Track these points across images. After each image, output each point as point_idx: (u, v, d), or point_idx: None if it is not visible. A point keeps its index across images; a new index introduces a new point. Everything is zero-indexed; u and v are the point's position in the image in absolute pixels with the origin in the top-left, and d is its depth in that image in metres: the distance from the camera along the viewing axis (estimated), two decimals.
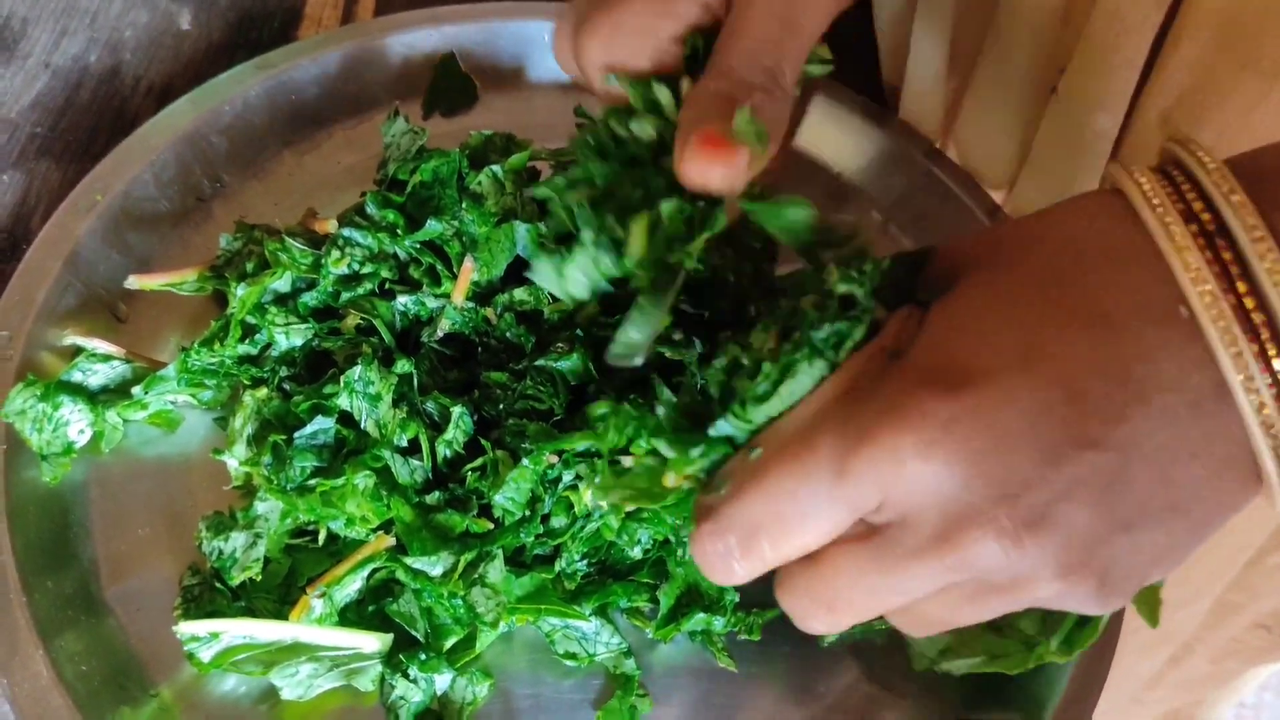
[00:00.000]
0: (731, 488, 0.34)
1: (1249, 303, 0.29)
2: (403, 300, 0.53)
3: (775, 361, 0.34)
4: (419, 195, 0.56)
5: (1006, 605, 0.33)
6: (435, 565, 0.48)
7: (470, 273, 0.53)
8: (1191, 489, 0.31)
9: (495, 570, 0.49)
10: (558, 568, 0.50)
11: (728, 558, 0.34)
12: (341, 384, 0.49)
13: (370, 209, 0.55)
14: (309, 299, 0.54)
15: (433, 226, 0.53)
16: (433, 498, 0.49)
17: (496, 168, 0.55)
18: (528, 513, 0.49)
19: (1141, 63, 0.53)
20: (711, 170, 0.37)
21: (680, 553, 0.51)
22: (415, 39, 0.67)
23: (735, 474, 0.34)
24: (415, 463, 0.49)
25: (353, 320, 0.54)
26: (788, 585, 0.35)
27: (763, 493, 0.33)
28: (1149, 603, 0.39)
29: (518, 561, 0.50)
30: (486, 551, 0.49)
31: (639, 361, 0.41)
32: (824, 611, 0.34)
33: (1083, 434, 0.30)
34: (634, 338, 0.40)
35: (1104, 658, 0.51)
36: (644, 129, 0.42)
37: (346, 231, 0.54)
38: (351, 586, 0.49)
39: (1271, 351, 0.29)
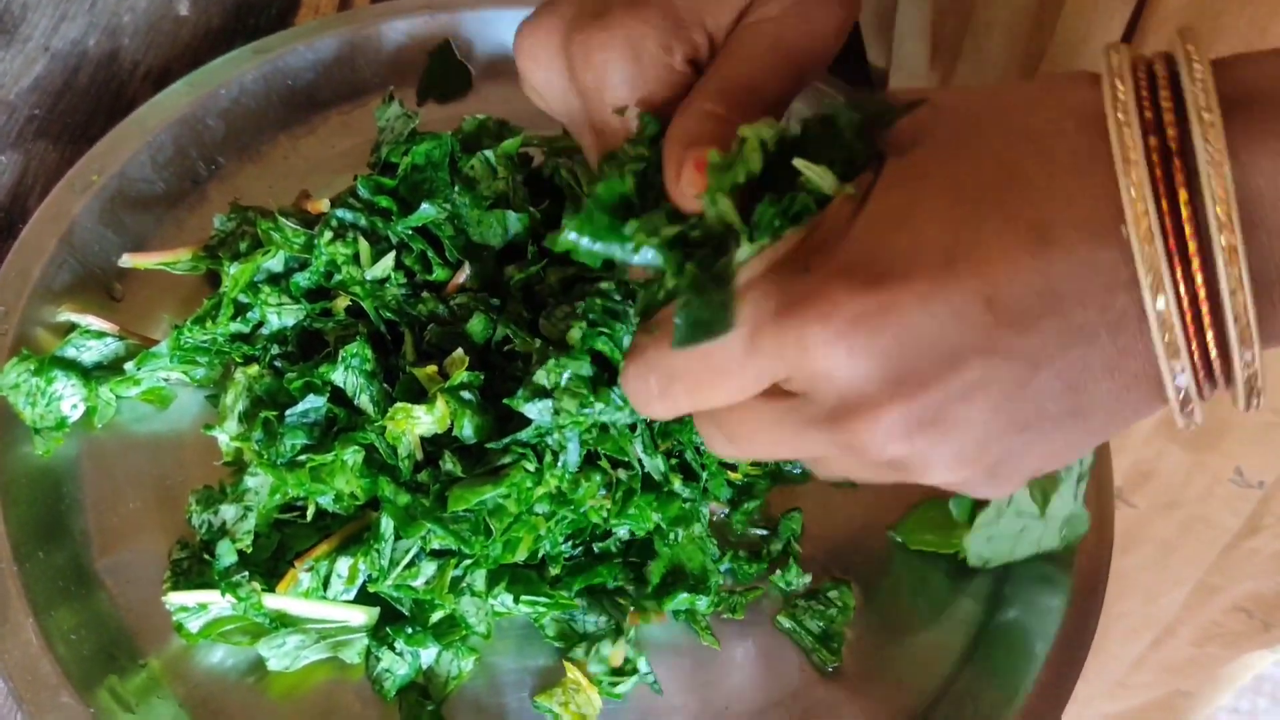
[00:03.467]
0: (660, 335, 0.35)
1: (1189, 234, 0.29)
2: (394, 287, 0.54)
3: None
4: (411, 179, 0.56)
5: (900, 479, 0.34)
6: (417, 577, 0.49)
7: (463, 275, 0.54)
8: (1098, 400, 0.31)
9: (481, 579, 0.50)
10: (541, 553, 0.51)
11: (648, 396, 0.35)
12: (339, 359, 0.49)
13: (362, 192, 0.55)
14: (301, 279, 0.55)
15: (426, 210, 0.54)
16: (423, 476, 0.50)
17: (489, 152, 0.56)
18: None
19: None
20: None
21: (673, 536, 0.52)
22: (411, 26, 0.68)
23: (664, 323, 0.35)
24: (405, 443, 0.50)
25: (343, 302, 0.55)
26: (701, 411, 0.36)
27: (680, 349, 0.33)
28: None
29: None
30: (472, 560, 0.49)
31: None
32: (726, 444, 0.36)
33: (990, 342, 0.30)
34: None
35: (1081, 646, 0.52)
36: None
37: (339, 212, 0.54)
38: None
39: (1198, 283, 0.29)
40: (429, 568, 0.49)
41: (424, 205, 0.54)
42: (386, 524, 0.48)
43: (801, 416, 0.33)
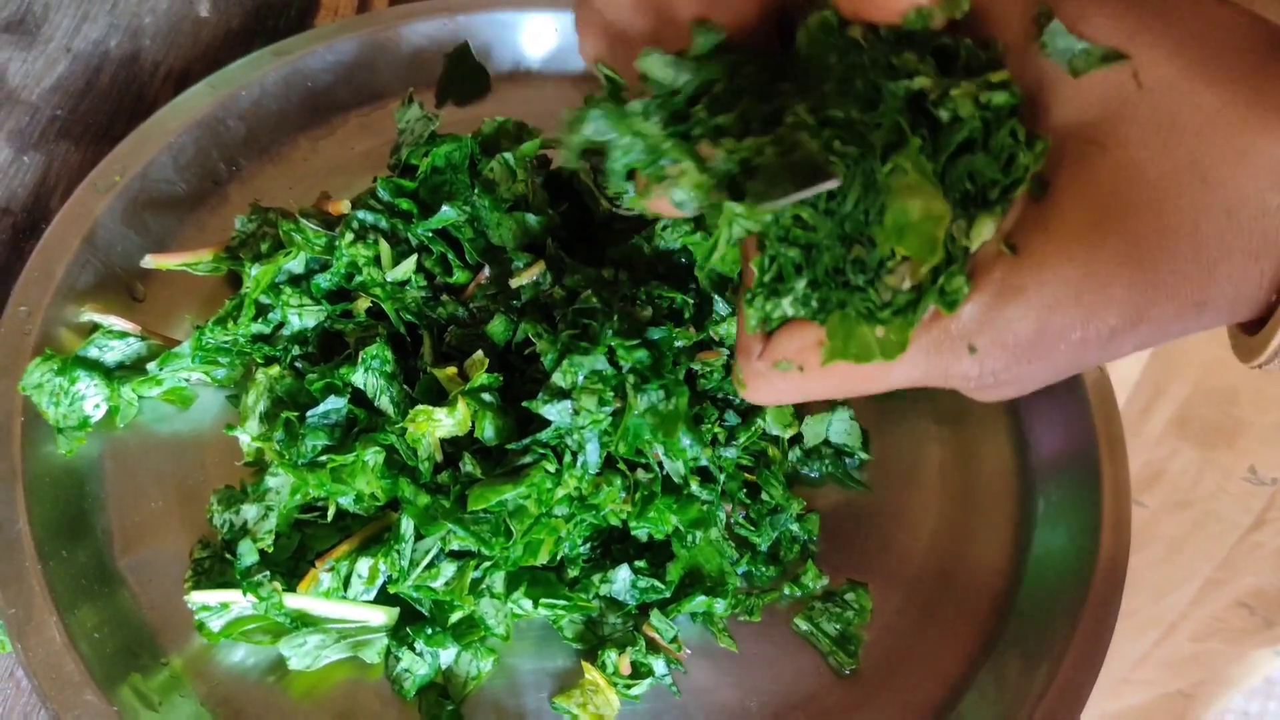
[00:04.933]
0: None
1: None
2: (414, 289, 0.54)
3: None
4: (431, 181, 0.56)
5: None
6: (437, 578, 0.49)
7: (483, 279, 0.54)
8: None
9: (500, 581, 0.50)
10: (560, 555, 0.51)
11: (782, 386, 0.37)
12: (359, 361, 0.50)
13: (382, 194, 0.56)
14: (322, 281, 0.55)
15: (447, 213, 0.54)
16: (443, 477, 0.50)
17: (508, 154, 0.56)
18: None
19: None
20: None
21: (691, 538, 0.52)
22: (429, 29, 0.68)
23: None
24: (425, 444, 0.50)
25: (364, 303, 0.55)
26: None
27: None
28: None
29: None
30: (491, 562, 0.49)
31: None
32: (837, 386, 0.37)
33: (1108, 351, 0.34)
34: None
35: (1098, 648, 0.52)
36: None
37: (360, 214, 0.55)
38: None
39: None
40: (449, 569, 0.49)
41: (444, 208, 0.54)
42: (407, 525, 0.48)
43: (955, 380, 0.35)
